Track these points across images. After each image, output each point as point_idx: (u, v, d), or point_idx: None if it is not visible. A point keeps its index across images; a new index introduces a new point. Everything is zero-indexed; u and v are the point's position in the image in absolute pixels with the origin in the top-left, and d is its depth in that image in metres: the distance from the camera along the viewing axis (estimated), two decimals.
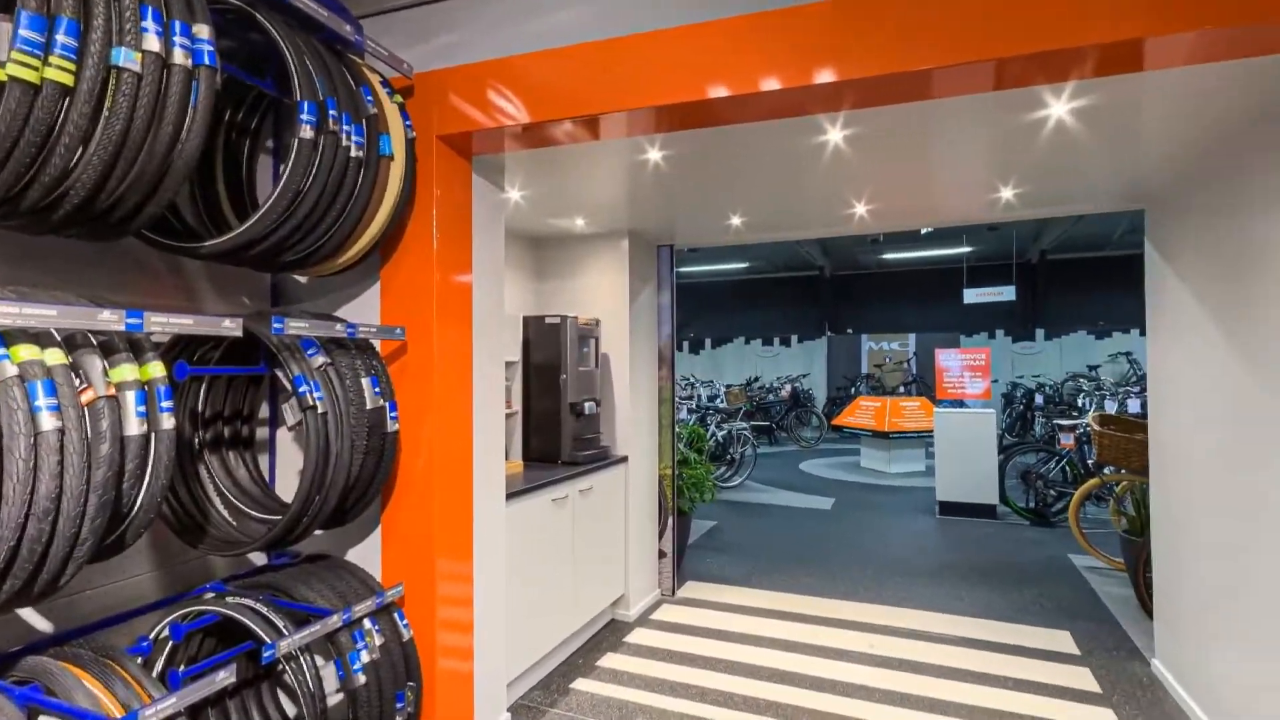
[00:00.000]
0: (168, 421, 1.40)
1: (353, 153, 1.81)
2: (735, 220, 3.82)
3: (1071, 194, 3.35)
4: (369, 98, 1.90)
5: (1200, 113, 2.27)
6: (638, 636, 3.77)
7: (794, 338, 15.82)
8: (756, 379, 13.99)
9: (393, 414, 2.03)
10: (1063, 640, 3.68)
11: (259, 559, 2.24)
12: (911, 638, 3.73)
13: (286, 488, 2.25)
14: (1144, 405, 6.49)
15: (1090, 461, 6.17)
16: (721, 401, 11.37)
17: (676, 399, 4.72)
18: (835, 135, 2.44)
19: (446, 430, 2.21)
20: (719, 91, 1.87)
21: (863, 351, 14.89)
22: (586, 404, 3.81)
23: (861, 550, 5.50)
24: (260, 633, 1.67)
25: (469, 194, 2.36)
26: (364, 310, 2.28)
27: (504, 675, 2.56)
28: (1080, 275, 13.32)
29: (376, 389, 1.97)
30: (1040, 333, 13.90)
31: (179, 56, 1.38)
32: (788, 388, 13.28)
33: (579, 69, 2.01)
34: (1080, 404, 9.15)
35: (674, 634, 3.80)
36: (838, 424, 10.23)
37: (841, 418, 10.10)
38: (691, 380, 12.30)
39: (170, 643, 1.78)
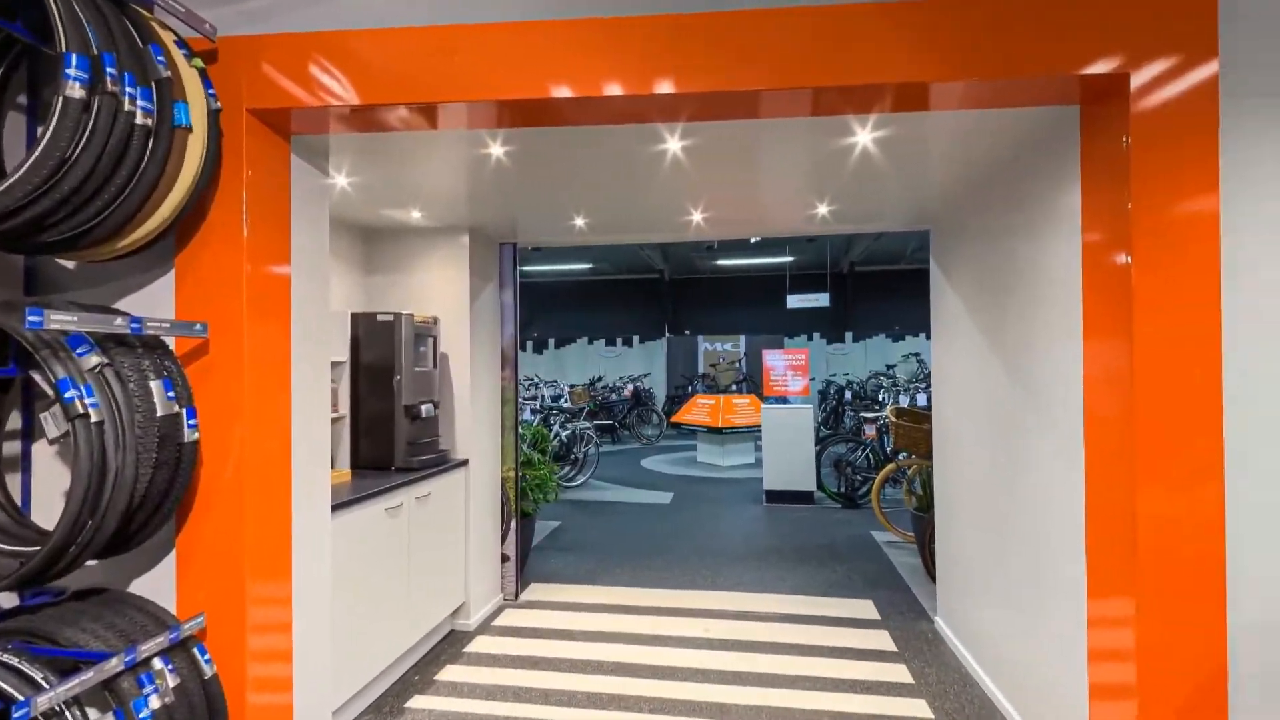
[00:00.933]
0: None
1: (139, 119, 1.56)
2: (579, 220, 3.84)
3: (873, 213, 3.80)
4: (160, 58, 1.65)
5: (967, 154, 2.69)
6: (479, 645, 3.65)
7: (635, 338, 16.27)
8: (600, 379, 14.19)
9: (191, 421, 1.78)
10: (867, 608, 4.16)
11: (9, 600, 1.86)
12: (742, 619, 4.00)
13: (47, 511, 1.89)
14: (929, 399, 7.54)
15: (889, 449, 7.03)
16: (565, 401, 11.39)
17: (520, 399, 4.65)
18: (674, 145, 2.55)
19: (259, 438, 1.99)
20: (562, 91, 1.87)
21: (699, 352, 15.70)
22: (423, 406, 3.63)
23: (698, 541, 5.79)
24: (8, 689, 1.39)
25: (287, 176, 2.14)
26: (154, 303, 1.97)
27: (330, 703, 2.36)
28: (881, 285, 15.11)
29: (170, 393, 1.72)
30: (849, 335, 15.58)
31: None
32: (630, 387, 13.63)
33: (417, 53, 1.91)
34: (881, 399, 10.40)
35: (517, 638, 3.73)
36: (676, 421, 10.70)
37: (680, 415, 10.57)
38: (535, 380, 12.18)
39: None
